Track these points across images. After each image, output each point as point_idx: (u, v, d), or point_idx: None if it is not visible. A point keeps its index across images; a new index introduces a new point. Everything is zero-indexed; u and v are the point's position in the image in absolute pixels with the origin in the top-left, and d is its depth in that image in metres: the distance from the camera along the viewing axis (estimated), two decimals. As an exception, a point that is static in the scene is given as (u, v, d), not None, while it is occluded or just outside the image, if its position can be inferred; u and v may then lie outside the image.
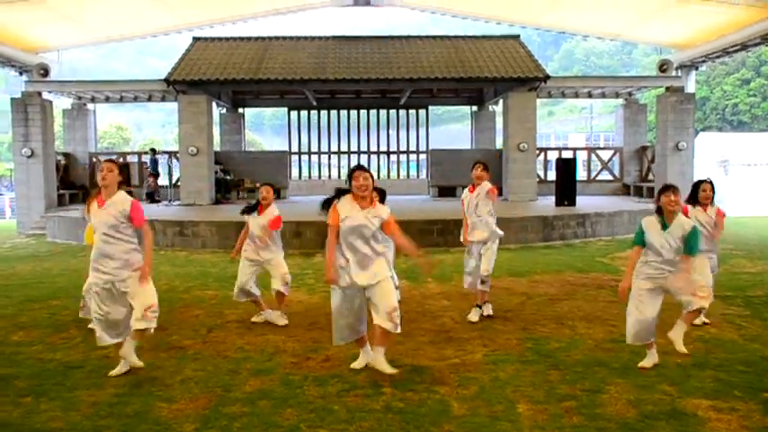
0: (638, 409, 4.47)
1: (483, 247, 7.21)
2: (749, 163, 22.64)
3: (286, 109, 25.49)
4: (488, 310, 7.34)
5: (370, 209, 5.16)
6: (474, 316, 7.20)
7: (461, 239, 7.43)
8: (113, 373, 5.27)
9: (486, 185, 7.21)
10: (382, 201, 7.72)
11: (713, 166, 23.08)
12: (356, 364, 5.47)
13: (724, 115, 50.81)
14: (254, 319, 7.25)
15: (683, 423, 4.24)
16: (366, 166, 6.28)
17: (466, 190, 7.42)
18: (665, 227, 5.23)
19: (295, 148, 25.26)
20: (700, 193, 6.72)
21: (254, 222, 7.07)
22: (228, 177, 20.90)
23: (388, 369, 5.08)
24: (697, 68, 22.37)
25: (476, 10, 22.76)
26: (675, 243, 5.19)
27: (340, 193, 5.23)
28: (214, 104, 21.53)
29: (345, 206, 5.11)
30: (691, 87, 21.64)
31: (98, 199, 5.16)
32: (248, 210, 7.18)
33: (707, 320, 6.77)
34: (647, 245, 5.31)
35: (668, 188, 5.28)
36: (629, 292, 5.37)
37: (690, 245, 5.18)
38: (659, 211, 5.32)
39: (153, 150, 21.90)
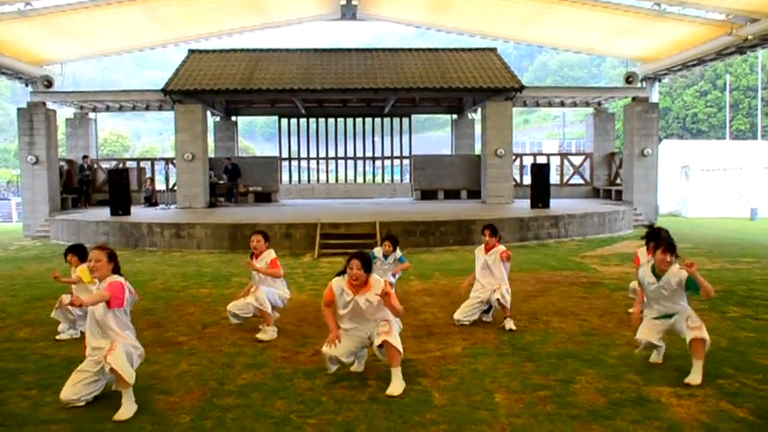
0: (607, 397, 4.52)
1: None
2: (707, 168, 22.93)
3: (277, 117, 25.41)
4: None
5: (365, 292, 4.86)
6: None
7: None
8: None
9: (500, 248, 6.79)
10: (395, 248, 7.75)
11: (675, 171, 23.36)
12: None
13: (684, 124, 51.42)
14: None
15: (647, 409, 4.30)
16: (361, 254, 5.01)
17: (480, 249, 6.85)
18: (658, 278, 5.08)
19: (285, 154, 25.18)
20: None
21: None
22: (221, 182, 20.80)
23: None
24: (660, 80, 22.65)
25: (456, 24, 22.85)
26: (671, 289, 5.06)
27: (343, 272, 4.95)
28: (209, 113, 21.38)
29: (339, 289, 4.88)
30: (654, 98, 21.90)
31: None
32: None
33: None
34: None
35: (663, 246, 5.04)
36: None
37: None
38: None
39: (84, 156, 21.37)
